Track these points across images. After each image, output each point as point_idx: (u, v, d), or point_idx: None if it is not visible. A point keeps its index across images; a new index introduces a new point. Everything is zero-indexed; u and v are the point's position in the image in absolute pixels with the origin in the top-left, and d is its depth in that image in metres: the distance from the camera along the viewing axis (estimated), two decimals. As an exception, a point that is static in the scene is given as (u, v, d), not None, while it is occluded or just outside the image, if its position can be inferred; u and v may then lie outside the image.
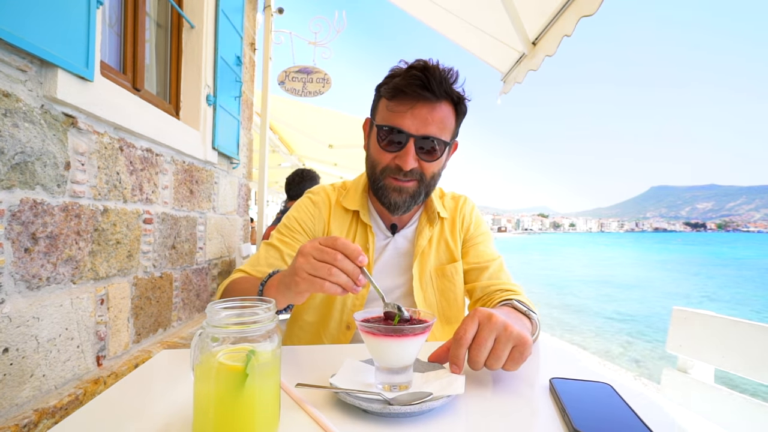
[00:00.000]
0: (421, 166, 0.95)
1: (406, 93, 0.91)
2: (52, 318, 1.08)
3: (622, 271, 19.64)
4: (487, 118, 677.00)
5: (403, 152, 0.93)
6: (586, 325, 7.52)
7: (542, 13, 2.03)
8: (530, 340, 0.63)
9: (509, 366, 0.63)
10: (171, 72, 2.01)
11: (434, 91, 0.90)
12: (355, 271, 0.63)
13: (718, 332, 0.93)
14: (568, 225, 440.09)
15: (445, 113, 0.93)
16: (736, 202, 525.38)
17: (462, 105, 0.97)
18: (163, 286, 1.73)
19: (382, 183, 0.99)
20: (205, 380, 0.45)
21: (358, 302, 1.04)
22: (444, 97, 0.92)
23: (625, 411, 0.54)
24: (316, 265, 0.62)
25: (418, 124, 0.91)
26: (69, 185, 1.14)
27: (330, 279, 0.62)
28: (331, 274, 0.61)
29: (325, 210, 1.11)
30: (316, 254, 0.63)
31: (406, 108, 0.92)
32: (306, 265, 0.63)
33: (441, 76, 0.91)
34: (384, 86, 0.96)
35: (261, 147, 3.49)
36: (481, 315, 0.64)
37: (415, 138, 0.92)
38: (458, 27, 2.70)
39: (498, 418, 0.54)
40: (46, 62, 1.03)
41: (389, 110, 0.94)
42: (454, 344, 0.62)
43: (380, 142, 0.96)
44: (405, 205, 0.99)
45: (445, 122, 0.94)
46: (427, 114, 0.91)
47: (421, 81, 0.89)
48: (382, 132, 0.95)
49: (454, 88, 0.94)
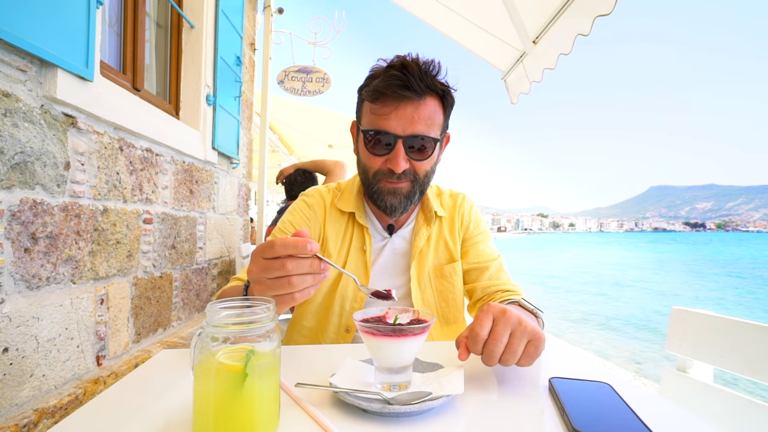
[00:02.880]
0: (413, 165, 0.94)
1: (388, 95, 0.88)
2: (52, 318, 1.08)
3: (604, 270, 19.68)
4: (488, 117, 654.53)
5: (392, 155, 0.91)
6: (575, 324, 7.55)
7: (543, 12, 2.03)
8: (544, 336, 0.63)
9: (524, 361, 0.62)
10: (171, 72, 2.01)
11: (416, 89, 0.87)
12: (313, 265, 0.59)
13: (717, 332, 0.93)
14: (567, 225, 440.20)
15: (432, 109, 0.91)
16: (735, 201, 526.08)
17: (448, 97, 0.95)
18: (163, 286, 1.73)
19: (377, 187, 0.97)
20: (205, 380, 0.45)
21: (357, 305, 1.02)
22: (427, 93, 0.90)
23: (625, 411, 0.54)
24: (273, 285, 0.58)
25: (404, 125, 0.89)
26: (69, 185, 1.14)
27: (295, 290, 0.58)
28: (293, 285, 0.58)
29: (320, 212, 1.09)
30: (267, 274, 0.58)
31: (389, 110, 0.89)
32: (266, 291, 0.59)
33: (421, 72, 0.88)
34: (365, 88, 0.94)
35: (261, 147, 3.49)
36: (495, 310, 0.63)
37: (403, 139, 0.90)
38: (458, 25, 2.70)
39: (497, 417, 0.54)
40: (46, 62, 1.03)
41: (373, 113, 0.92)
42: (471, 341, 0.62)
43: (368, 147, 0.94)
44: (401, 206, 0.98)
45: (433, 118, 0.91)
46: (413, 113, 0.89)
47: (401, 81, 0.87)
48: (368, 136, 0.93)
49: (437, 81, 0.92)
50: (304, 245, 0.57)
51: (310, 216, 1.09)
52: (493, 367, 0.72)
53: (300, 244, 0.57)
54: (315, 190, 1.15)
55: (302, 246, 0.57)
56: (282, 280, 0.57)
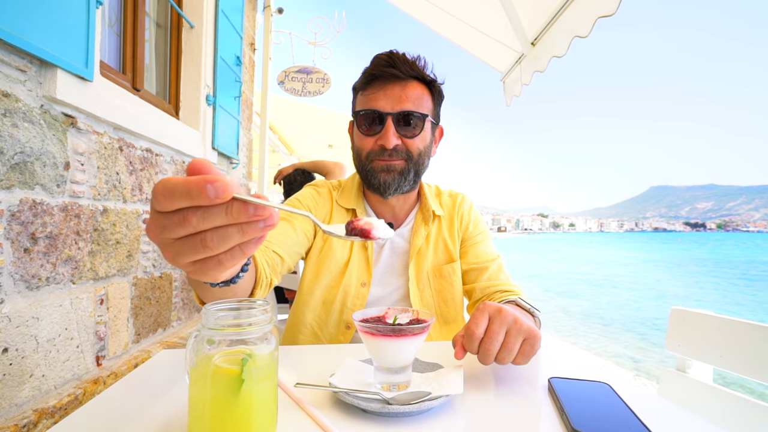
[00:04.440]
0: (404, 143, 0.98)
1: (375, 75, 0.97)
2: (52, 318, 1.08)
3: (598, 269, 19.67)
4: (488, 117, 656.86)
5: (383, 131, 0.96)
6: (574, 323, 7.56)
7: (541, 14, 2.03)
8: (540, 334, 0.64)
9: (520, 360, 0.63)
10: (170, 72, 2.01)
11: (401, 69, 0.95)
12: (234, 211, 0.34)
13: (717, 332, 0.93)
14: (567, 225, 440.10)
15: (419, 92, 0.98)
16: (735, 201, 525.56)
17: (436, 87, 1.02)
18: (163, 286, 1.73)
19: (370, 167, 1.00)
20: (201, 384, 0.44)
21: (358, 302, 1.02)
22: (413, 76, 0.97)
23: (624, 410, 0.54)
24: (182, 247, 0.37)
25: (393, 102, 0.96)
26: (68, 185, 1.14)
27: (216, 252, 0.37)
28: (209, 246, 0.36)
29: (327, 203, 1.12)
30: (168, 234, 0.36)
31: (377, 89, 0.97)
32: (177, 257, 0.37)
33: (406, 59, 0.97)
34: (357, 82, 1.03)
35: (261, 147, 3.50)
36: (491, 309, 0.64)
37: (393, 115, 0.95)
38: (457, 27, 2.70)
39: (496, 417, 0.54)
40: (46, 62, 1.03)
41: (364, 96, 1.00)
42: (467, 340, 0.62)
43: (361, 128, 1.00)
44: (395, 183, 1.00)
45: (421, 100, 0.98)
46: (400, 92, 0.96)
47: (387, 62, 0.96)
48: (359, 118, 0.99)
49: (423, 71, 0.99)
50: (200, 189, 0.32)
51: (319, 201, 1.11)
52: (493, 367, 0.72)
53: (194, 189, 0.32)
54: (323, 182, 1.17)
55: (197, 191, 0.32)
56: (193, 239, 0.36)
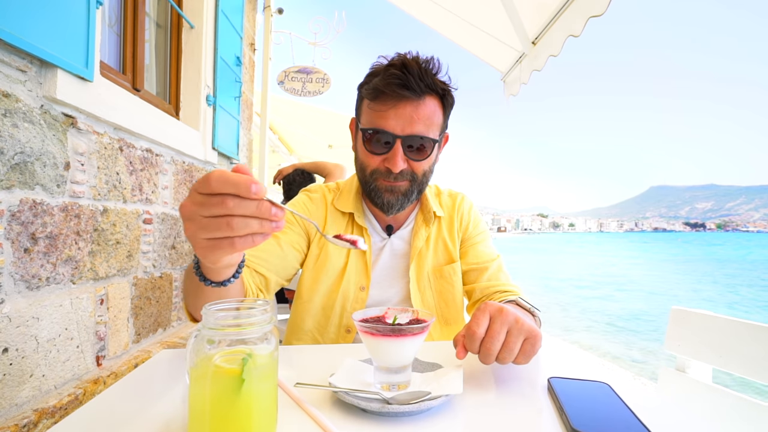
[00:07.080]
0: (411, 166, 0.93)
1: (387, 94, 0.88)
2: (52, 318, 1.08)
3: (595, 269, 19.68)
4: (488, 117, 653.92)
5: (391, 154, 0.90)
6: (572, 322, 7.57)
7: (542, 13, 2.03)
8: (540, 334, 0.63)
9: (521, 359, 0.62)
10: (171, 72, 2.01)
11: (415, 89, 0.86)
12: (262, 209, 0.46)
13: (716, 332, 0.93)
14: (567, 225, 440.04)
15: (431, 109, 0.90)
16: (735, 201, 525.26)
17: (448, 96, 0.94)
18: (163, 286, 1.73)
19: (374, 185, 0.97)
20: (201, 384, 0.44)
21: (357, 306, 1.01)
22: (427, 93, 0.89)
23: (623, 410, 0.54)
24: (209, 225, 0.46)
25: (403, 124, 0.88)
26: (69, 185, 1.14)
27: (235, 234, 0.47)
28: (233, 227, 0.46)
29: (321, 209, 1.09)
30: (202, 211, 0.46)
31: (388, 108, 0.88)
32: (199, 232, 0.47)
33: (421, 71, 0.87)
34: (365, 86, 0.94)
35: (261, 147, 3.50)
36: (492, 308, 0.64)
37: (402, 138, 0.89)
38: (458, 26, 2.70)
39: (496, 417, 0.54)
40: (46, 62, 1.03)
41: (372, 111, 0.91)
42: (468, 339, 0.62)
43: (366, 145, 0.93)
44: (399, 203, 0.98)
45: (432, 118, 0.90)
46: (412, 112, 0.88)
47: (400, 80, 0.86)
48: (367, 135, 0.92)
49: (437, 80, 0.91)
50: (247, 185, 0.44)
51: (312, 209, 1.08)
52: (492, 367, 0.72)
53: (242, 183, 0.44)
54: (318, 186, 1.15)
55: (244, 185, 0.44)
56: (220, 220, 0.46)
